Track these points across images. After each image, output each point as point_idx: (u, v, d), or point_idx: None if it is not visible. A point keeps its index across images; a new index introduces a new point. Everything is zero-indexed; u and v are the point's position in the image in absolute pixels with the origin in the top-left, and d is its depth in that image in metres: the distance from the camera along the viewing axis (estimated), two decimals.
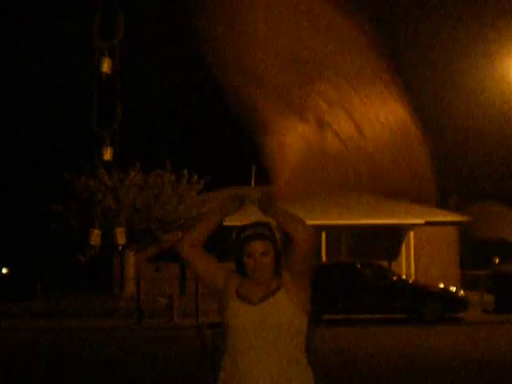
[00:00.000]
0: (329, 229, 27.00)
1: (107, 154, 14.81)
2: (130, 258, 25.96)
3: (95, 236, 16.34)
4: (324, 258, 26.40)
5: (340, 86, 5.41)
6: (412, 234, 27.45)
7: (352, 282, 18.82)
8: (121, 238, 16.57)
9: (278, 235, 3.42)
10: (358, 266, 19.57)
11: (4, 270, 33.49)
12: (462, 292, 19.35)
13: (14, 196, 37.12)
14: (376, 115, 5.44)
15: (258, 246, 3.35)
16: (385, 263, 25.09)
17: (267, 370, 3.22)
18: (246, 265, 3.35)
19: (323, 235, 26.93)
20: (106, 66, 14.33)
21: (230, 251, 3.47)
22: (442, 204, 34.35)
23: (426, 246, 27.83)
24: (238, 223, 3.51)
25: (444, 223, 28.28)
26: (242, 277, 3.40)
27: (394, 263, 26.88)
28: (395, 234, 27.78)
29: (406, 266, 27.31)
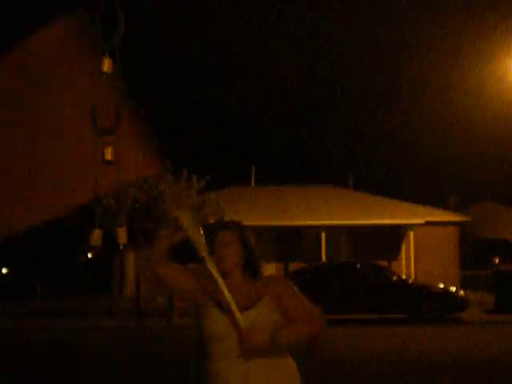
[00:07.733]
0: (329, 229, 26.99)
1: (107, 154, 14.83)
2: (130, 258, 25.97)
3: (96, 236, 16.34)
4: (324, 258, 26.39)
5: None
6: (412, 234, 27.45)
7: (352, 282, 18.81)
8: (122, 238, 16.58)
9: (251, 234, 3.44)
10: (358, 266, 19.57)
11: (4, 270, 33.50)
12: (461, 292, 19.36)
13: None
14: None
15: (219, 237, 3.45)
16: (385, 263, 25.07)
17: (250, 371, 3.25)
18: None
19: (323, 235, 26.93)
20: (106, 66, 14.36)
21: None
22: (442, 204, 34.39)
23: (426, 246, 27.82)
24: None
25: (444, 223, 28.27)
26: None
27: (394, 263, 26.88)
28: (395, 234, 27.78)
29: (406, 265, 27.31)
